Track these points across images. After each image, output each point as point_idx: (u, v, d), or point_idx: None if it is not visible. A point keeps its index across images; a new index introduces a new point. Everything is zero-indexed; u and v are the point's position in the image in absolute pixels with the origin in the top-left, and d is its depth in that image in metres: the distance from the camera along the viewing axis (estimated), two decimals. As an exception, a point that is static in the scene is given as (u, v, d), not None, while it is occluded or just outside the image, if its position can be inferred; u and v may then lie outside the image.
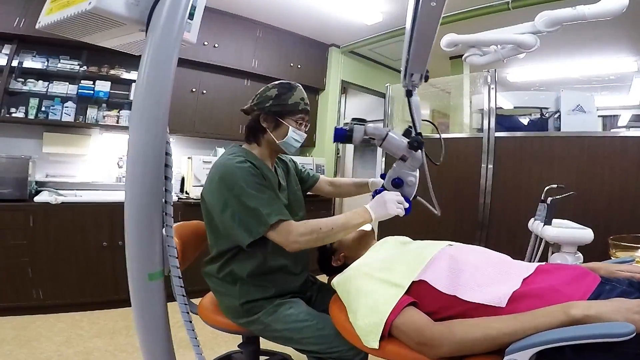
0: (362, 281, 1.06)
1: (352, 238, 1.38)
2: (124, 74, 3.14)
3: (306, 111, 1.37)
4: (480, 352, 0.83)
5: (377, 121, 4.29)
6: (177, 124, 3.37)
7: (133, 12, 0.82)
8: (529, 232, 2.08)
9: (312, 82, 4.27)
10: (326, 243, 1.27)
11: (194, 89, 3.49)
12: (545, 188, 2.02)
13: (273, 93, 1.33)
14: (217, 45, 3.52)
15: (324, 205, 4.03)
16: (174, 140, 3.62)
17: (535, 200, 2.03)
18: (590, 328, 0.73)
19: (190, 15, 0.87)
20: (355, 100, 5.17)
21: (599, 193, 2.25)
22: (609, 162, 2.24)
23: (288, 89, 1.34)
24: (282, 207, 1.21)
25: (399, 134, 1.32)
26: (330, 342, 1.16)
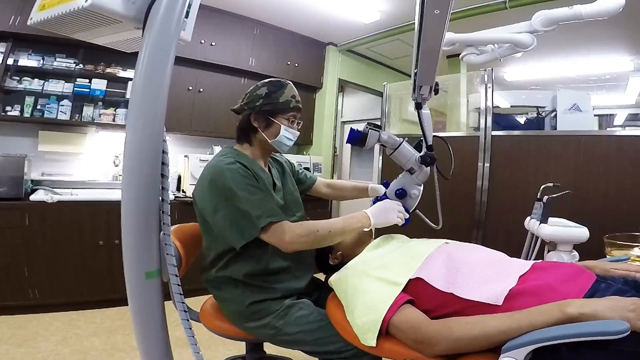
0: (359, 279, 1.06)
1: (349, 236, 1.38)
2: (120, 72, 3.12)
3: (298, 109, 1.34)
4: (477, 350, 0.83)
5: (375, 119, 4.29)
6: (173, 123, 3.36)
7: (130, 10, 0.81)
8: (525, 231, 2.09)
9: (310, 81, 4.26)
10: (323, 246, 1.23)
11: (191, 87, 3.48)
12: (542, 187, 2.03)
13: (263, 92, 1.30)
14: (214, 44, 3.51)
15: (322, 204, 4.03)
16: (171, 139, 3.60)
17: (532, 198, 2.03)
18: (586, 326, 0.73)
19: (186, 14, 0.87)
20: (353, 99, 5.17)
21: (595, 192, 2.26)
22: (605, 161, 2.25)
23: (278, 87, 1.31)
24: (273, 208, 1.17)
25: (411, 146, 1.32)
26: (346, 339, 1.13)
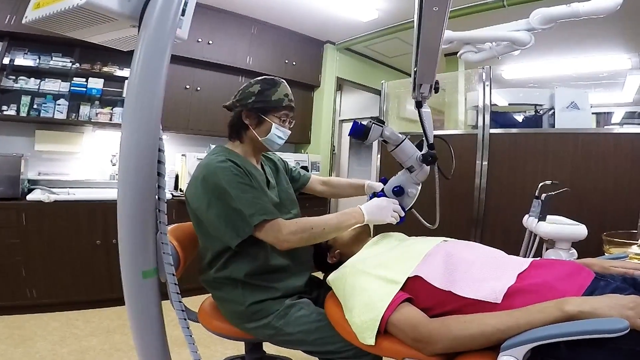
0: (358, 278, 1.06)
1: (347, 235, 1.37)
2: (117, 71, 3.11)
3: (290, 107, 1.33)
4: (476, 348, 0.83)
5: (373, 118, 4.29)
6: (171, 121, 3.35)
7: (125, 7, 0.81)
8: (524, 229, 2.09)
9: (308, 79, 4.26)
10: (317, 242, 1.23)
11: (188, 86, 3.47)
12: (540, 184, 2.03)
13: (256, 89, 1.29)
14: (211, 42, 3.50)
15: (320, 202, 4.02)
16: (168, 138, 3.60)
17: (530, 196, 2.04)
18: (585, 324, 0.73)
19: (182, 12, 0.86)
20: (351, 97, 5.16)
21: (593, 189, 2.26)
22: (602, 159, 2.25)
23: (271, 84, 1.30)
24: (266, 205, 1.16)
25: (413, 144, 1.32)
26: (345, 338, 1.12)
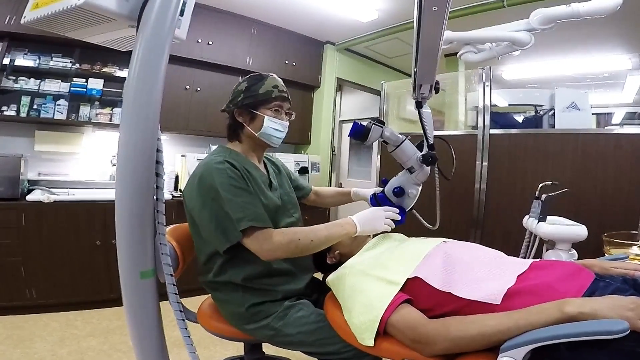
0: (357, 279, 1.05)
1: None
2: (117, 71, 3.11)
3: (282, 98, 1.31)
4: (475, 350, 0.83)
5: (373, 119, 4.28)
6: (170, 122, 3.35)
7: (124, 7, 0.81)
8: (524, 229, 2.09)
9: (307, 80, 4.26)
10: (304, 254, 1.18)
11: (188, 87, 3.47)
12: (540, 185, 2.03)
13: (243, 86, 1.30)
14: (211, 43, 3.50)
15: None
16: (168, 138, 3.60)
17: (530, 197, 2.03)
18: (585, 325, 0.72)
19: (181, 12, 0.86)
20: (351, 97, 5.16)
21: (593, 190, 2.26)
22: (603, 159, 2.25)
23: (258, 79, 1.30)
24: (257, 212, 1.13)
25: (414, 145, 1.31)
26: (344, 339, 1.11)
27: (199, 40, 3.42)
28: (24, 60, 2.83)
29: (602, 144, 2.26)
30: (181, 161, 3.37)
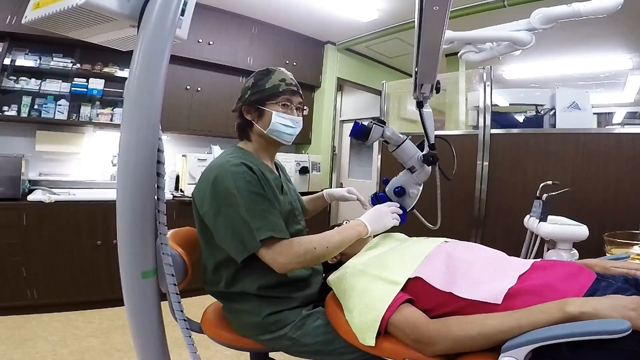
0: (358, 279, 1.05)
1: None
2: (117, 71, 3.11)
3: (291, 92, 1.24)
4: (476, 349, 0.83)
5: (373, 119, 4.28)
6: (171, 122, 3.35)
7: (125, 7, 0.81)
8: (525, 229, 2.08)
9: (308, 80, 4.26)
10: (319, 263, 1.14)
11: (189, 87, 3.47)
12: (541, 185, 2.02)
13: (250, 82, 1.24)
14: (212, 43, 3.50)
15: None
16: (169, 138, 3.60)
17: (531, 197, 2.03)
18: (586, 325, 0.72)
19: (182, 12, 0.86)
20: (351, 97, 5.16)
21: (594, 190, 2.26)
22: (604, 159, 2.24)
23: (265, 74, 1.24)
24: (276, 222, 1.07)
25: (414, 144, 1.31)
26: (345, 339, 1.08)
27: (200, 40, 3.42)
28: (24, 61, 2.83)
29: (603, 143, 2.26)
30: (182, 161, 3.37)
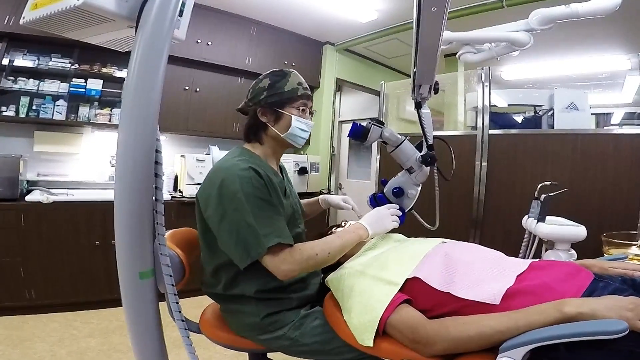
0: (356, 279, 1.05)
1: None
2: (116, 72, 3.11)
3: (307, 96, 1.24)
4: (474, 350, 0.83)
5: (372, 119, 4.29)
6: (170, 122, 3.35)
7: (123, 8, 0.81)
8: (523, 229, 2.09)
9: (307, 80, 4.12)
10: (322, 267, 1.14)
11: (187, 87, 3.47)
12: (539, 185, 2.03)
13: (266, 83, 1.20)
14: (210, 43, 3.50)
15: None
16: (167, 139, 3.59)
17: (529, 197, 2.03)
18: (584, 325, 0.72)
19: (180, 12, 0.86)
20: (350, 98, 5.16)
21: (592, 190, 2.26)
22: (602, 160, 2.25)
23: (281, 75, 1.22)
24: (282, 228, 1.06)
25: (413, 145, 1.31)
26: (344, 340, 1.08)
27: (199, 41, 3.42)
28: (23, 61, 2.83)
29: (601, 144, 2.27)
30: (180, 162, 3.37)
